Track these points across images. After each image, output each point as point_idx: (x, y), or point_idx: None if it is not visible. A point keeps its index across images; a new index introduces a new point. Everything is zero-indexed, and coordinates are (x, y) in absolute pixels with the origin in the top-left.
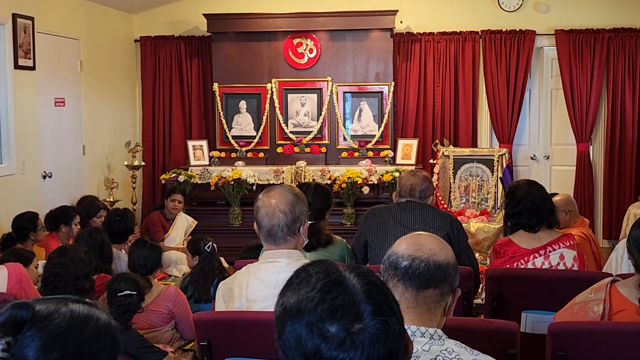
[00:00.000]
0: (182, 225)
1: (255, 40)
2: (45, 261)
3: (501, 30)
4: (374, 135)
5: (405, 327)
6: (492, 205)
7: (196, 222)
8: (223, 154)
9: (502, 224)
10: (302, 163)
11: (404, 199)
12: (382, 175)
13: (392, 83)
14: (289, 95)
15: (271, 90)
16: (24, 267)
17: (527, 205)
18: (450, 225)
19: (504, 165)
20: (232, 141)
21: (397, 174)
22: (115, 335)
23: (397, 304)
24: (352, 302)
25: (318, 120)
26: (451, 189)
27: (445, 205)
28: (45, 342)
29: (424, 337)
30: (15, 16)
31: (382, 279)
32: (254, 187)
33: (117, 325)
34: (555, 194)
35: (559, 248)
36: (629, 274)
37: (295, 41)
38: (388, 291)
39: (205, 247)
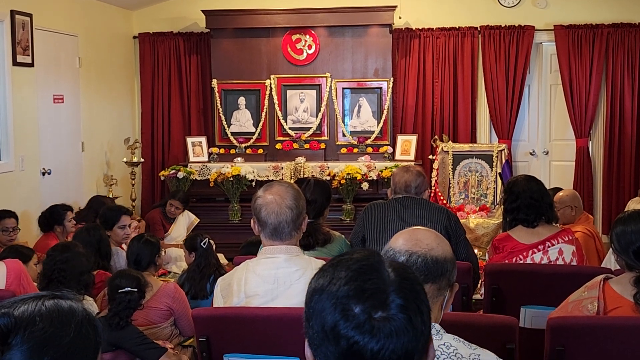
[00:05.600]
0: (184, 222)
1: (254, 36)
2: None
3: (500, 25)
4: (373, 131)
5: None
6: (491, 201)
7: (198, 220)
8: (222, 151)
9: (501, 220)
10: (301, 159)
11: (400, 196)
12: (382, 171)
13: (391, 79)
14: (288, 91)
15: (270, 86)
16: (23, 263)
17: (525, 201)
18: (448, 218)
19: (503, 160)
20: (231, 137)
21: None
22: (94, 322)
23: (427, 307)
24: (382, 290)
25: (317, 116)
26: (450, 185)
27: (444, 201)
28: (34, 348)
29: None
30: (13, 13)
31: None
32: (253, 183)
33: (89, 308)
34: (559, 189)
35: (558, 243)
36: (622, 271)
37: (294, 37)
38: (421, 291)
39: (202, 244)
